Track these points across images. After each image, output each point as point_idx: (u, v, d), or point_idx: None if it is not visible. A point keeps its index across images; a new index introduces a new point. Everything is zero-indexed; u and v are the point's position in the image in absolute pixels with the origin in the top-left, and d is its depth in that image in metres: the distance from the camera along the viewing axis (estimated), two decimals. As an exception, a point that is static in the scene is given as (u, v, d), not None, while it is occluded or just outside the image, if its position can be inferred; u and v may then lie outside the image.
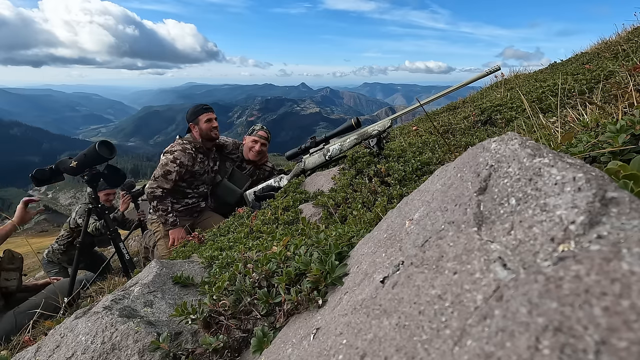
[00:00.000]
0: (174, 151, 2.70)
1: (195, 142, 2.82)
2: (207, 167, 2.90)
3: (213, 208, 3.09)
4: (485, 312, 0.33)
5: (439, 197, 0.59)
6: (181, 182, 2.79)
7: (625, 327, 0.25)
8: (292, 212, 1.59)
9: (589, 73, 2.68)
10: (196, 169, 2.80)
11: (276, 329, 0.76)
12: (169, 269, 1.25)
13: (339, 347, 0.49)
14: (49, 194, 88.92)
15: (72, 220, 3.74)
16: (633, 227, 0.32)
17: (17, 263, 2.35)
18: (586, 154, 0.83)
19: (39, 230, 24.73)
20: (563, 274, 0.30)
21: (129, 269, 2.68)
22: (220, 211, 2.98)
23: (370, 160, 1.86)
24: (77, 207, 3.84)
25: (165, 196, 2.65)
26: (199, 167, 2.82)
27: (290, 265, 0.83)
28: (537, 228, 0.38)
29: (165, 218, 2.65)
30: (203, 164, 2.85)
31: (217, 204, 3.05)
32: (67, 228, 3.82)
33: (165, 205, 2.65)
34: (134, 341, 0.86)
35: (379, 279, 0.54)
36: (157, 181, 2.64)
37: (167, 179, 2.63)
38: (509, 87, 3.77)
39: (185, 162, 2.68)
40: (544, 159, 0.44)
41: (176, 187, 2.79)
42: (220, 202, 3.02)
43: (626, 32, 4.03)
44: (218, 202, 3.04)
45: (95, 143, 2.49)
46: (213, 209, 3.09)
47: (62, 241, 3.80)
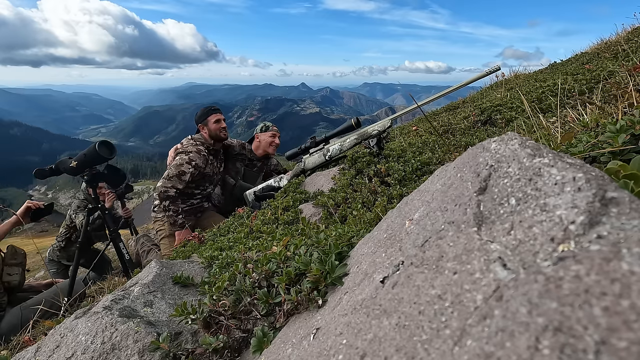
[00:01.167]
0: (189, 152, 2.70)
1: (207, 143, 2.85)
2: (216, 168, 2.93)
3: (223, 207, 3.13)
4: (485, 312, 0.33)
5: (438, 197, 0.59)
6: (191, 183, 2.80)
7: (625, 327, 0.25)
8: (292, 212, 1.59)
9: (589, 73, 2.68)
10: (207, 170, 2.82)
11: (276, 329, 0.76)
12: (169, 269, 1.25)
13: (339, 347, 0.49)
14: (49, 194, 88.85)
15: (68, 216, 3.75)
16: (633, 227, 0.32)
17: (19, 258, 2.36)
18: (586, 154, 0.83)
19: (39, 230, 24.73)
20: (563, 274, 0.31)
21: (129, 269, 2.68)
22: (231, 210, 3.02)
23: (370, 160, 1.86)
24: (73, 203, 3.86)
25: (178, 197, 2.65)
26: (210, 168, 2.85)
27: (290, 265, 0.83)
28: (537, 228, 0.38)
29: (175, 219, 2.65)
30: (213, 166, 2.89)
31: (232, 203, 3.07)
32: (64, 225, 3.83)
33: (177, 206, 2.65)
34: (134, 341, 0.86)
35: (379, 279, 0.54)
36: (171, 181, 2.63)
37: (181, 180, 2.63)
38: (508, 87, 3.77)
39: (200, 164, 2.71)
40: (543, 159, 0.44)
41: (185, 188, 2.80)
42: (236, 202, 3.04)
43: (626, 32, 4.03)
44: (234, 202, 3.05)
45: (95, 143, 2.49)
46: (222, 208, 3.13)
47: (60, 238, 3.81)
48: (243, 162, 3.19)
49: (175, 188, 2.62)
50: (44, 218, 2.63)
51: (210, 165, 2.85)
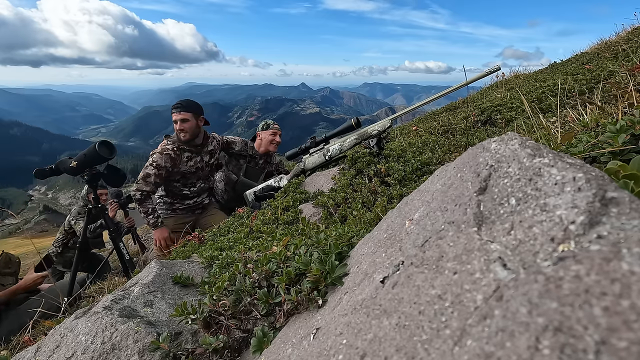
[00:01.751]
0: (153, 154, 2.71)
1: (179, 141, 2.76)
2: (200, 163, 2.86)
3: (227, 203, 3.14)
4: (485, 312, 0.33)
5: (439, 197, 0.59)
6: (175, 182, 2.80)
7: (625, 327, 0.25)
8: (292, 212, 1.59)
9: (589, 73, 2.68)
10: (183, 169, 2.77)
11: (276, 329, 0.76)
12: (169, 269, 1.25)
13: (339, 347, 0.49)
14: (49, 194, 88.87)
15: (67, 222, 3.75)
16: (633, 227, 0.32)
17: (13, 267, 2.33)
18: (586, 154, 0.83)
19: (39, 230, 24.70)
20: (563, 274, 0.30)
21: (129, 269, 2.68)
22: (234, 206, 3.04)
23: (370, 160, 1.86)
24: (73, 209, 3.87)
25: (145, 199, 2.64)
26: (187, 166, 2.79)
27: (290, 265, 0.83)
28: (537, 228, 0.38)
29: (147, 219, 2.66)
30: (192, 162, 2.82)
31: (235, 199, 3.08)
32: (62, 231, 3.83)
33: (146, 207, 2.64)
34: (134, 341, 0.86)
35: (379, 279, 0.54)
36: (137, 184, 2.65)
37: (146, 182, 2.62)
38: (508, 87, 3.77)
39: (162, 164, 2.65)
40: (544, 159, 0.44)
41: (172, 188, 2.81)
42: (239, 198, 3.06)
43: (626, 32, 4.03)
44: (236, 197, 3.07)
45: (95, 143, 2.49)
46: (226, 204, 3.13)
47: (57, 243, 3.81)
48: (245, 159, 3.22)
49: (141, 190, 2.62)
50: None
51: (186, 162, 2.79)
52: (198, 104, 2.79)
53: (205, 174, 2.94)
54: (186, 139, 2.72)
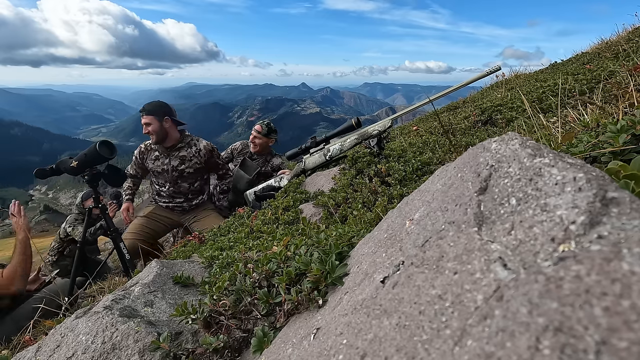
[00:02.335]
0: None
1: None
2: (166, 165, 2.92)
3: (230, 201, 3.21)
4: (485, 312, 0.33)
5: (439, 197, 0.59)
6: (153, 177, 3.05)
7: (626, 327, 0.25)
8: (292, 212, 1.59)
9: (590, 73, 2.68)
10: (150, 167, 2.95)
11: (276, 329, 0.76)
12: (169, 269, 1.25)
13: (339, 347, 0.49)
14: (49, 194, 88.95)
15: (62, 230, 3.76)
16: (633, 227, 0.32)
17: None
18: (587, 154, 0.83)
19: (40, 230, 24.74)
20: (563, 274, 0.30)
21: (129, 268, 2.68)
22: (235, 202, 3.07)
23: (370, 160, 1.86)
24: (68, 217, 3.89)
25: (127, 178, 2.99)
26: (153, 165, 2.93)
27: (291, 265, 0.83)
28: (537, 228, 0.38)
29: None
30: (158, 161, 2.92)
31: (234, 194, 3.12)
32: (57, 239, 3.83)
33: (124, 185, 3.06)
34: (135, 341, 0.86)
35: (379, 279, 0.54)
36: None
37: (131, 166, 3.07)
38: (509, 87, 3.77)
39: (138, 156, 2.98)
40: (544, 159, 0.44)
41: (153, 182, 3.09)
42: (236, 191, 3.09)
43: (626, 32, 4.02)
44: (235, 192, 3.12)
45: (96, 143, 2.49)
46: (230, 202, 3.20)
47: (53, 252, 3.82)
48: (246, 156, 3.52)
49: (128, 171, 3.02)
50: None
51: (154, 161, 2.93)
52: (163, 106, 2.86)
53: (172, 178, 2.94)
54: (154, 141, 2.86)
